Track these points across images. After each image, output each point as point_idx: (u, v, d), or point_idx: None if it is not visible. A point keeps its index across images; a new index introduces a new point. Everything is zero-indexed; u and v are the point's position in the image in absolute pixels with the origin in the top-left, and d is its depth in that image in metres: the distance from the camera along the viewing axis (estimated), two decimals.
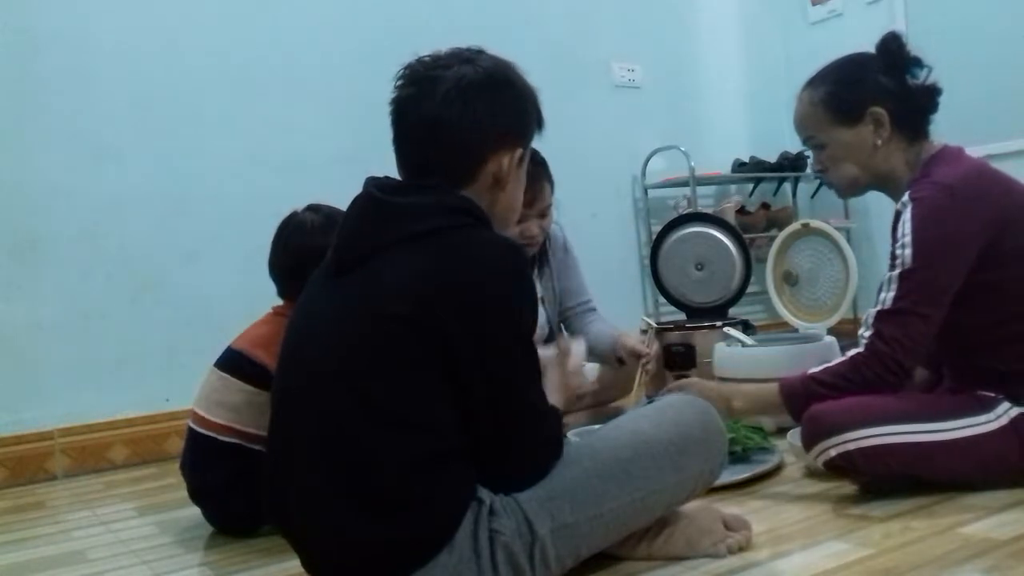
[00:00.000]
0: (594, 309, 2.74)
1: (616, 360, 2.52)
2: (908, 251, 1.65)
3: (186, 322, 2.92)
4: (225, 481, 1.88)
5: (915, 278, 1.64)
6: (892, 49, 1.77)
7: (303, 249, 1.88)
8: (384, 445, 1.20)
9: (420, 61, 1.36)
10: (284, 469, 1.30)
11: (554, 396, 1.45)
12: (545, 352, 2.08)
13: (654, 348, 2.28)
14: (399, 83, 1.35)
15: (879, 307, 1.67)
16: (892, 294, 1.65)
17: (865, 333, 1.68)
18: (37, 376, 2.78)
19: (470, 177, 1.33)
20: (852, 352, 1.70)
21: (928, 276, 1.64)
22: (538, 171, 2.39)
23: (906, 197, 1.70)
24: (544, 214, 2.45)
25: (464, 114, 1.30)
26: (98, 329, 2.87)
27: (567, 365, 1.57)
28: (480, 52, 1.38)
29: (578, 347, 2.15)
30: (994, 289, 1.67)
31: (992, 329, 1.69)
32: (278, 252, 1.96)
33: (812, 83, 1.83)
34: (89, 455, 2.83)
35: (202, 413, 1.91)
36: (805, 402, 1.70)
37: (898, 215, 1.72)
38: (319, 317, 1.32)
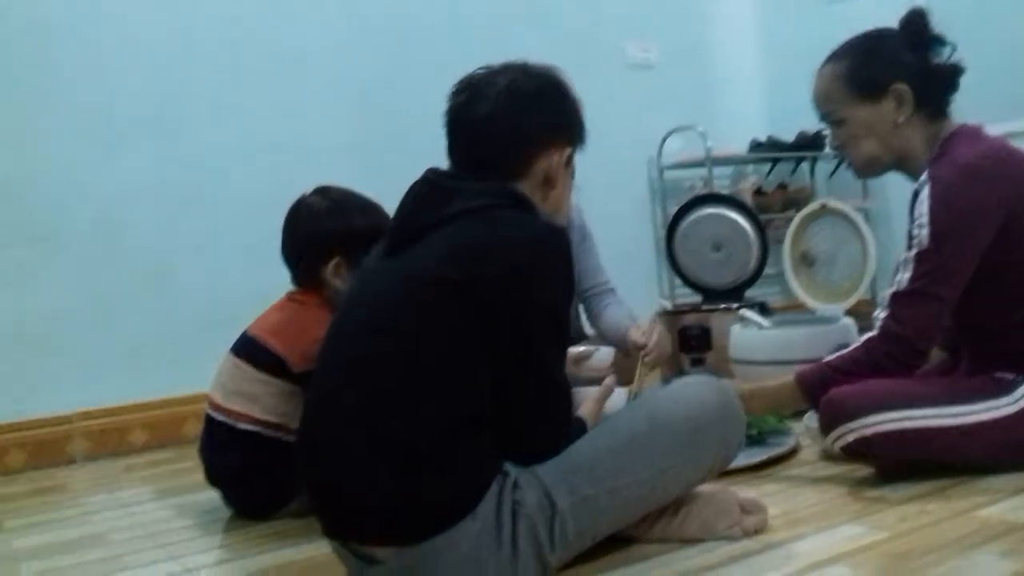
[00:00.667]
0: (612, 290, 2.73)
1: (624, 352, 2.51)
2: (925, 231, 1.63)
3: (200, 308, 2.94)
4: (242, 467, 1.89)
5: (932, 259, 1.62)
6: (917, 25, 1.73)
7: (312, 234, 1.89)
8: (422, 403, 1.23)
9: (473, 73, 1.43)
10: (320, 423, 1.32)
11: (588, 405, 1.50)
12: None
13: (653, 339, 2.28)
14: (453, 92, 1.42)
15: (895, 288, 1.66)
16: (908, 275, 1.64)
17: (881, 315, 1.67)
18: (56, 362, 2.80)
19: (522, 173, 1.39)
20: (867, 335, 1.69)
21: (945, 257, 1.62)
22: None
23: (924, 176, 1.68)
24: None
25: (515, 111, 1.37)
26: (115, 315, 2.90)
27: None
28: (527, 63, 1.44)
29: (599, 355, 2.17)
30: (1013, 270, 1.65)
31: (1010, 310, 1.67)
32: (288, 238, 1.96)
33: (834, 57, 1.80)
34: (108, 438, 2.86)
35: (218, 400, 1.92)
36: (823, 390, 1.69)
37: (916, 195, 1.70)
38: (370, 285, 1.37)
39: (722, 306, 2.95)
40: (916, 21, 1.74)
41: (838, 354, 1.73)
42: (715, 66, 4.39)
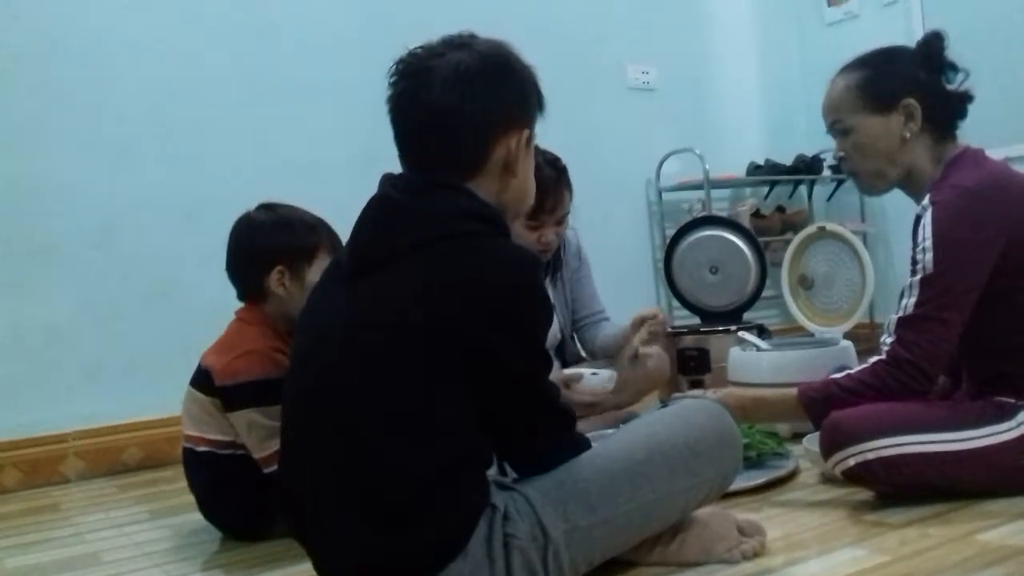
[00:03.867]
0: (608, 319, 2.73)
1: (630, 357, 2.52)
2: (929, 256, 1.63)
3: (201, 325, 2.90)
4: (209, 488, 1.93)
5: (937, 283, 1.62)
6: (933, 47, 1.75)
7: (255, 249, 1.91)
8: (403, 459, 1.19)
9: (412, 54, 1.33)
10: (297, 477, 1.30)
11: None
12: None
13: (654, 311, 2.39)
14: (393, 79, 1.32)
15: (900, 313, 1.65)
16: (913, 299, 1.64)
17: (887, 340, 1.66)
18: (52, 378, 2.79)
19: (478, 164, 1.30)
20: (874, 359, 1.69)
21: (950, 281, 1.62)
22: (560, 178, 2.39)
23: (926, 201, 1.69)
24: (561, 221, 2.44)
25: (465, 100, 1.27)
26: (113, 332, 2.89)
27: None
28: (473, 37, 1.35)
29: (592, 379, 2.18)
30: (1013, 294, 1.65)
31: (1011, 335, 1.67)
32: (232, 253, 1.97)
33: (848, 68, 1.80)
34: (103, 458, 2.84)
35: (183, 427, 1.97)
36: (825, 408, 1.68)
37: (918, 219, 1.70)
38: (334, 323, 1.29)
39: (720, 328, 2.95)
40: (933, 43, 1.75)
41: (845, 373, 1.72)
42: (714, 90, 4.41)
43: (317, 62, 3.27)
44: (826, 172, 4.26)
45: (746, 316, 3.21)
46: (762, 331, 2.86)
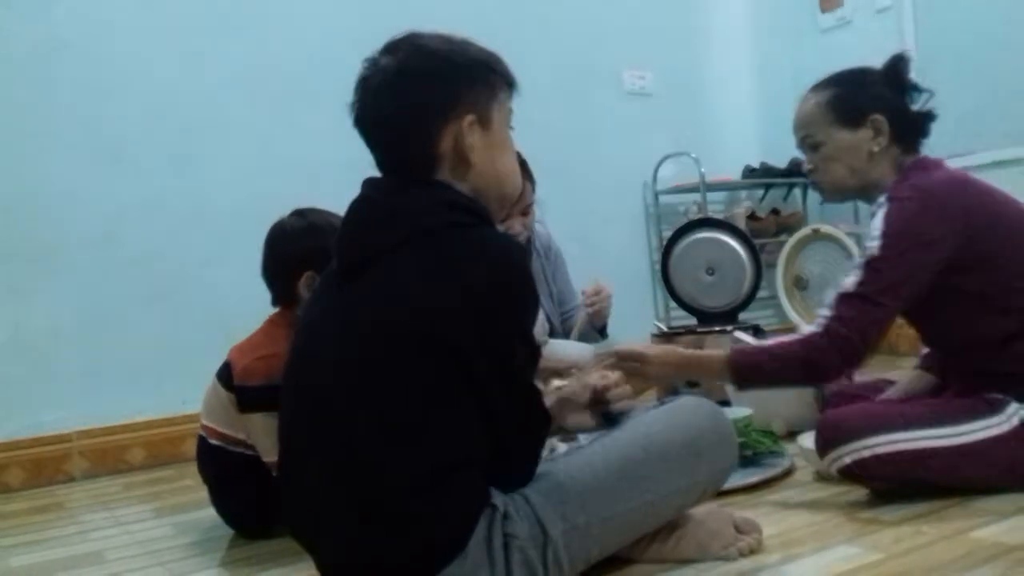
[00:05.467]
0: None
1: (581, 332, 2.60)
2: (876, 242, 1.67)
3: (202, 325, 2.94)
4: (216, 480, 1.96)
5: (878, 267, 1.65)
6: (897, 69, 1.80)
7: (286, 255, 1.93)
8: (402, 463, 1.20)
9: (365, 63, 1.37)
10: (296, 480, 1.31)
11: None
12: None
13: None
14: (354, 92, 1.37)
15: (841, 290, 1.68)
16: (854, 279, 1.67)
17: (824, 312, 1.69)
18: (55, 379, 2.81)
19: (430, 163, 1.31)
20: (808, 331, 1.70)
21: (892, 266, 1.65)
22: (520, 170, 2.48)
23: (882, 198, 1.74)
24: (526, 212, 2.52)
25: (392, 104, 1.31)
26: (115, 333, 2.90)
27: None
28: (409, 37, 1.36)
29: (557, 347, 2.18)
30: (978, 294, 1.68)
31: (987, 332, 1.69)
32: (267, 259, 1.99)
33: (818, 86, 1.86)
34: (107, 457, 2.86)
35: (201, 417, 1.99)
36: (751, 374, 1.72)
37: (873, 216, 1.74)
38: (328, 328, 1.30)
39: (716, 329, 2.97)
40: (897, 66, 1.81)
41: (776, 341, 1.75)
42: (709, 94, 4.43)
43: (317, 64, 3.28)
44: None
45: (742, 317, 3.23)
46: (758, 331, 2.89)
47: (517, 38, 3.87)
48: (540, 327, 2.74)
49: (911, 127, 1.80)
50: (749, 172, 4.30)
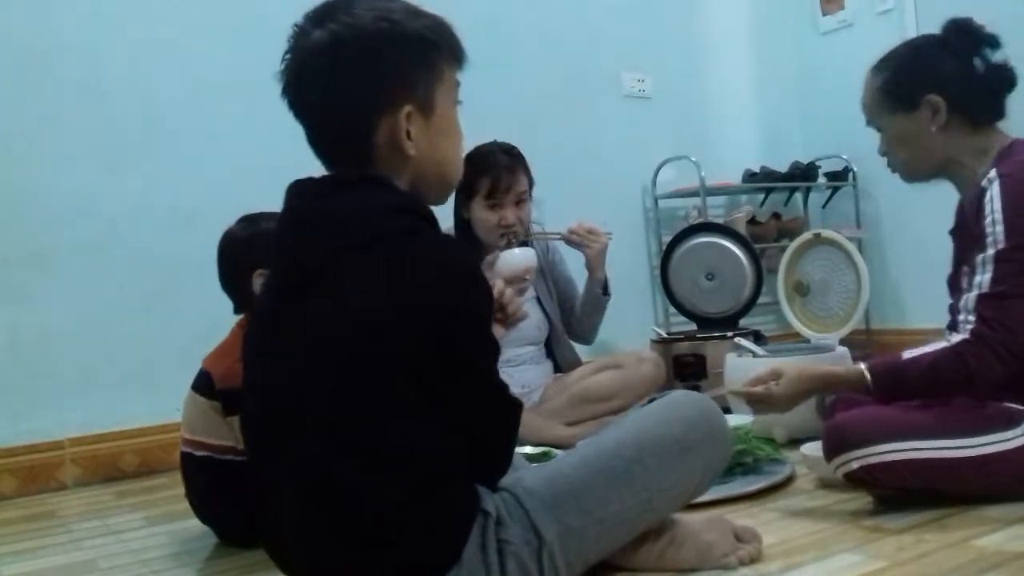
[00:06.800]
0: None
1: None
2: (1000, 228, 1.60)
3: (198, 332, 2.90)
4: (204, 494, 1.94)
5: (1010, 257, 1.59)
6: (962, 31, 1.76)
7: (238, 262, 1.96)
8: (379, 486, 1.16)
9: (290, 36, 1.28)
10: (273, 512, 1.27)
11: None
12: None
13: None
14: (283, 62, 1.30)
15: (978, 291, 1.60)
16: (989, 276, 1.60)
17: (968, 318, 1.60)
18: (48, 385, 2.79)
19: (366, 154, 1.25)
20: (954, 339, 1.61)
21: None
22: (514, 162, 2.55)
23: (993, 173, 1.66)
24: (520, 200, 2.55)
25: (322, 93, 1.24)
26: (110, 338, 2.88)
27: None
28: (341, 3, 1.24)
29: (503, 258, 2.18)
30: None
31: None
32: (220, 269, 2.02)
33: (875, 68, 1.83)
34: (100, 465, 2.84)
35: (182, 433, 1.97)
36: (896, 387, 1.65)
37: (983, 192, 1.66)
38: (279, 349, 1.24)
39: (717, 334, 2.96)
40: (956, 31, 1.76)
41: (921, 351, 1.64)
42: (709, 97, 4.42)
43: None
44: (821, 179, 4.28)
45: (742, 322, 3.22)
46: (758, 337, 2.87)
47: (516, 41, 3.89)
48: (540, 333, 2.72)
49: (980, 92, 1.74)
50: (750, 176, 4.28)
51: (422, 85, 1.25)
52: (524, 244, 2.56)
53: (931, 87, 1.74)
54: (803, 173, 4.21)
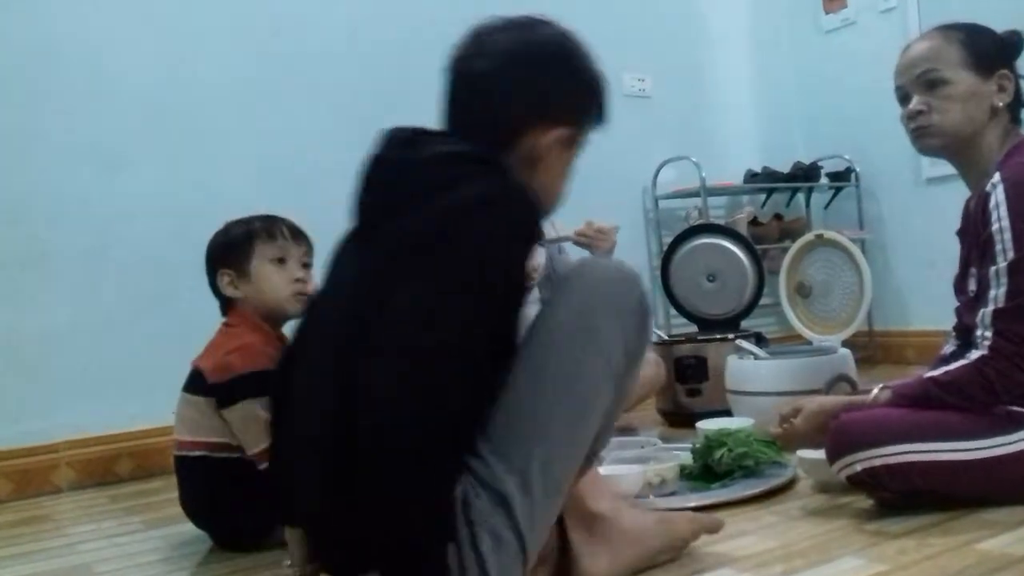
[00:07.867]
0: None
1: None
2: (1008, 236, 1.58)
3: (195, 334, 2.89)
4: (199, 496, 1.93)
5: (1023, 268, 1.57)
6: (1015, 44, 1.77)
7: (209, 267, 2.03)
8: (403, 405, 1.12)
9: (483, 25, 1.33)
10: (288, 463, 1.26)
11: None
12: None
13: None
14: (460, 44, 1.33)
15: (994, 306, 1.59)
16: (1004, 289, 1.58)
17: (986, 334, 1.59)
18: (44, 388, 2.78)
19: (506, 145, 1.28)
20: (975, 355, 1.59)
21: None
22: None
23: (996, 178, 1.63)
24: None
25: (509, 77, 1.27)
26: (106, 341, 2.87)
27: None
28: (547, 23, 1.33)
29: None
30: None
31: None
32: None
33: (947, 27, 1.78)
34: (95, 468, 2.82)
35: (176, 435, 1.97)
36: (916, 405, 1.63)
37: (987, 196, 1.64)
38: (344, 287, 1.25)
39: (718, 336, 2.94)
40: (1016, 40, 1.78)
41: (942, 370, 1.63)
42: (710, 97, 4.40)
43: (313, 69, 3.26)
44: (823, 180, 4.26)
45: (744, 324, 3.20)
46: (760, 339, 2.85)
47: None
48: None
49: (1020, 101, 1.76)
50: (751, 176, 4.26)
51: (579, 121, 1.35)
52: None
53: (1006, 65, 1.74)
54: (805, 173, 4.19)
